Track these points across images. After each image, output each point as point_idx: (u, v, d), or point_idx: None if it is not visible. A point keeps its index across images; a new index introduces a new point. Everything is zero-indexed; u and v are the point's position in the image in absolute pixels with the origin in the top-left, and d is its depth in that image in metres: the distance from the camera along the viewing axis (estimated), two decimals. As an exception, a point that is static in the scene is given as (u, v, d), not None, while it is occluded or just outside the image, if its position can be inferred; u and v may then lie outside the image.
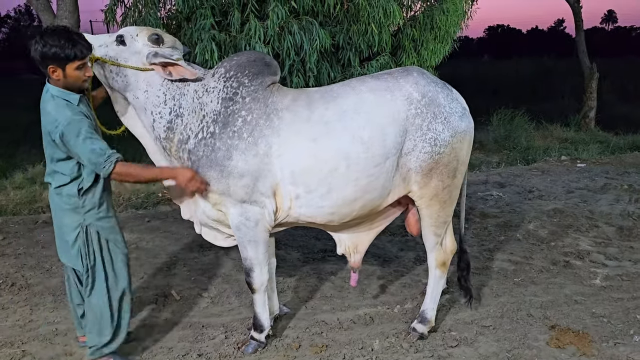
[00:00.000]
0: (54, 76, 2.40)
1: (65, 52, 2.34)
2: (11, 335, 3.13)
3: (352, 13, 4.23)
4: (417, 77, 2.78)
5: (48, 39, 2.33)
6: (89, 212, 2.58)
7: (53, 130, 2.38)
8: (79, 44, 2.38)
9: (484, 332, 3.17)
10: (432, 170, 2.75)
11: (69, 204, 2.54)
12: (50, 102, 2.41)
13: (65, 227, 2.59)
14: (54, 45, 2.32)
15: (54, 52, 2.33)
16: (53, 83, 2.43)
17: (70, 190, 2.53)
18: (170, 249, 4.53)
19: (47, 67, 2.38)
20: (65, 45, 2.34)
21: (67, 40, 2.34)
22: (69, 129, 2.35)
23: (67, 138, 2.36)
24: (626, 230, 4.97)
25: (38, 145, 8.77)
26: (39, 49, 2.33)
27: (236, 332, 3.18)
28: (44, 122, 2.44)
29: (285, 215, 2.75)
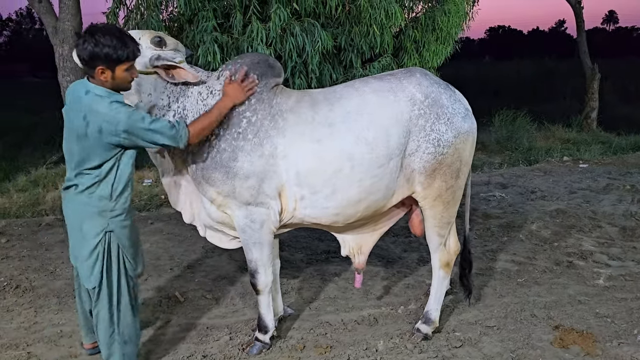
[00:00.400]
0: (102, 77, 2.30)
1: (117, 54, 2.26)
2: (16, 337, 3.14)
3: (354, 15, 4.25)
4: (420, 78, 2.79)
5: (100, 39, 2.22)
6: (116, 217, 2.46)
7: (112, 129, 2.27)
8: (131, 45, 2.30)
9: (488, 333, 3.18)
10: (436, 171, 2.76)
11: (97, 206, 2.41)
12: (100, 102, 2.29)
13: (86, 232, 2.43)
14: (106, 45, 2.23)
15: (106, 52, 2.24)
16: (98, 83, 2.32)
17: (102, 192, 2.40)
18: (174, 250, 4.54)
19: (95, 67, 2.27)
20: (118, 46, 2.25)
21: (119, 41, 2.26)
22: (133, 122, 2.28)
23: (133, 130, 2.29)
24: (629, 231, 4.97)
25: (40, 148, 8.81)
26: (89, 48, 2.23)
27: (241, 333, 3.19)
28: (95, 123, 2.28)
29: (290, 216, 2.75)
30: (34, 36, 46.95)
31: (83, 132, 2.30)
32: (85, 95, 2.32)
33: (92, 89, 2.32)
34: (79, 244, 2.47)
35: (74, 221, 2.46)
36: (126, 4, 4.36)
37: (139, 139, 2.34)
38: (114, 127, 2.27)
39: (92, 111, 2.28)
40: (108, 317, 2.51)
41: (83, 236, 2.44)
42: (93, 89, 2.32)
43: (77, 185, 2.41)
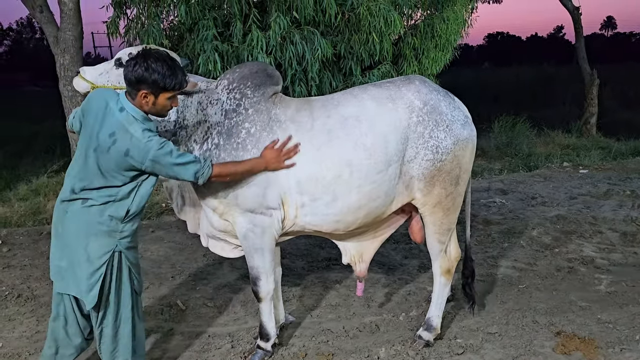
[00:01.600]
0: (143, 101, 2.27)
1: (164, 82, 2.24)
2: (18, 346, 3.14)
3: (353, 23, 4.28)
4: (419, 85, 2.81)
5: (152, 64, 2.21)
6: (124, 239, 2.38)
7: (141, 155, 2.23)
8: (180, 76, 2.29)
9: (490, 339, 3.17)
10: (435, 178, 2.77)
11: (108, 225, 2.32)
12: (134, 125, 2.25)
13: (92, 251, 2.32)
14: (156, 72, 2.21)
15: (154, 79, 2.22)
16: (136, 105, 2.28)
17: (115, 212, 2.32)
18: (175, 258, 4.54)
19: (140, 90, 2.25)
20: (167, 75, 2.23)
21: (169, 69, 2.24)
22: (162, 154, 2.25)
23: (159, 161, 2.26)
24: (630, 236, 4.97)
25: (41, 157, 8.80)
26: (140, 71, 2.21)
27: (242, 341, 3.19)
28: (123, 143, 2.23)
29: (292, 224, 2.76)
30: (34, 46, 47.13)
31: (106, 147, 2.24)
32: (120, 112, 2.27)
33: (128, 108, 2.28)
34: (79, 262, 2.34)
35: (77, 238, 2.33)
36: (127, 14, 4.40)
37: (162, 170, 2.32)
38: (143, 154, 2.24)
39: (125, 131, 2.24)
40: (112, 333, 2.46)
41: (87, 256, 2.33)
42: (129, 109, 2.28)
43: (87, 199, 2.31)
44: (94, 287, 2.34)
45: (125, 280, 2.43)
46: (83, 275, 2.34)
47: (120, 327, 2.48)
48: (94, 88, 2.68)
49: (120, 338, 2.48)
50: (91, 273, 2.34)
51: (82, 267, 2.34)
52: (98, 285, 2.35)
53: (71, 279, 2.37)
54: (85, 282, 2.34)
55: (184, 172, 2.34)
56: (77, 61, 5.73)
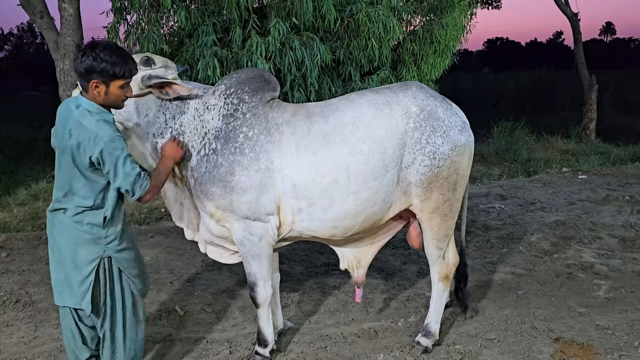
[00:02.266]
0: (95, 91, 2.27)
1: (114, 69, 2.24)
2: (16, 352, 3.13)
3: (353, 28, 4.29)
4: (415, 91, 2.81)
5: (100, 53, 2.22)
6: (110, 243, 2.38)
7: (90, 145, 2.23)
8: (130, 63, 2.30)
9: (488, 345, 3.17)
10: (432, 184, 2.77)
11: (90, 233, 2.34)
12: (88, 117, 2.25)
13: (80, 260, 2.35)
14: (104, 60, 2.22)
15: (102, 67, 2.22)
16: (90, 98, 2.29)
17: (93, 219, 2.34)
18: (174, 264, 4.54)
19: (90, 80, 2.25)
20: (116, 62, 2.24)
21: (118, 57, 2.25)
22: (111, 146, 2.24)
23: (106, 154, 2.24)
24: (629, 242, 4.96)
25: (41, 162, 8.81)
26: (87, 61, 2.21)
27: (240, 347, 3.18)
28: (76, 137, 2.24)
29: (289, 229, 2.76)
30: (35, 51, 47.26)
31: (67, 146, 2.27)
32: (76, 109, 2.29)
33: (83, 103, 2.29)
34: (70, 271, 2.36)
35: (66, 248, 2.36)
36: (127, 19, 4.41)
37: (105, 166, 2.27)
38: (92, 142, 2.23)
39: (78, 125, 2.25)
40: (110, 336, 2.48)
41: (76, 264, 2.35)
42: (85, 104, 2.29)
43: (67, 209, 2.34)
44: (85, 294, 2.37)
45: (116, 284, 2.44)
46: (75, 284, 2.37)
47: (116, 330, 2.49)
48: None
49: (116, 341, 2.49)
50: (81, 281, 2.36)
51: (73, 276, 2.37)
52: (89, 293, 2.37)
53: (67, 290, 2.40)
54: (78, 290, 2.37)
55: (123, 177, 2.29)
56: (77, 66, 5.74)
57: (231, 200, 2.64)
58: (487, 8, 16.79)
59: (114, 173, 2.29)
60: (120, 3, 4.30)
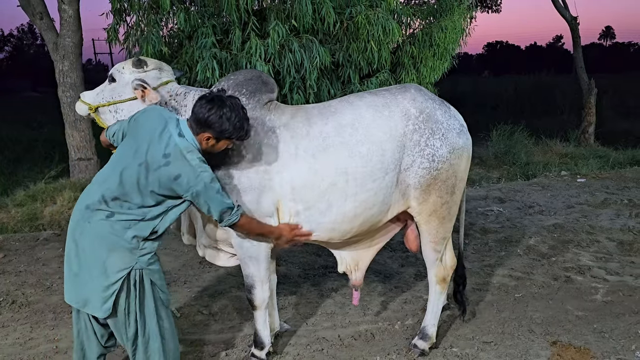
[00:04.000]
0: (204, 142, 2.34)
1: (231, 133, 2.32)
2: (11, 353, 3.12)
3: (352, 31, 4.29)
4: (414, 93, 2.81)
5: (227, 113, 2.28)
6: (144, 256, 2.34)
7: (191, 182, 2.25)
8: (246, 127, 2.37)
9: (485, 349, 3.16)
10: (431, 186, 2.77)
11: (129, 243, 2.29)
12: (193, 154, 2.28)
13: (110, 266, 2.28)
14: (227, 121, 2.28)
15: (224, 128, 2.29)
16: (197, 139, 2.34)
17: (139, 231, 2.30)
18: (171, 265, 4.53)
19: (205, 132, 2.31)
20: (237, 127, 2.32)
21: (239, 121, 2.32)
22: (210, 188, 2.29)
23: (204, 194, 2.29)
24: (627, 245, 4.96)
25: (39, 163, 8.80)
26: (213, 117, 2.27)
27: (237, 349, 3.17)
28: (177, 168, 2.24)
29: (287, 232, 2.76)
30: (35, 52, 47.28)
31: (156, 167, 2.24)
32: (179, 137, 2.29)
33: (188, 137, 2.31)
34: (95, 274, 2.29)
35: (96, 249, 2.29)
36: (126, 21, 4.41)
37: (199, 203, 2.33)
38: (192, 183, 2.26)
39: (181, 157, 2.25)
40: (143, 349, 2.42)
41: (105, 269, 2.28)
42: (189, 138, 2.31)
43: (114, 213, 2.28)
44: (107, 300, 2.31)
45: (148, 296, 2.38)
46: (97, 287, 2.30)
47: (150, 342, 2.42)
48: (91, 109, 2.78)
49: (150, 354, 2.44)
50: (106, 287, 2.30)
51: (97, 279, 2.30)
52: (112, 300, 2.31)
53: (82, 289, 2.33)
54: (99, 295, 2.30)
55: (215, 210, 2.36)
56: (76, 68, 5.76)
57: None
58: (486, 12, 16.77)
59: (207, 209, 2.36)
60: (120, 4, 4.30)
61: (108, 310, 2.31)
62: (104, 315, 2.33)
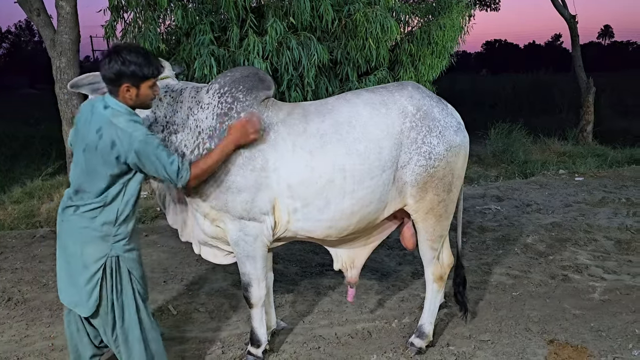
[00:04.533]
0: (127, 95, 2.29)
1: (143, 71, 2.27)
2: (7, 350, 3.11)
3: (350, 28, 4.28)
4: (411, 91, 2.81)
5: (127, 57, 2.23)
6: (118, 242, 2.37)
7: (125, 145, 2.23)
8: (155, 63, 2.33)
9: (482, 347, 3.16)
10: (427, 184, 2.76)
11: (100, 231, 2.32)
12: (120, 117, 2.26)
13: (87, 257, 2.33)
14: (132, 63, 2.24)
15: (132, 70, 2.24)
16: (121, 100, 2.30)
17: (106, 217, 2.32)
18: (168, 263, 4.52)
19: (121, 85, 2.27)
20: (144, 63, 2.26)
21: (144, 58, 2.28)
22: (147, 144, 2.26)
23: (143, 153, 2.26)
24: (624, 244, 4.97)
25: (37, 160, 8.78)
26: (116, 66, 2.23)
27: (233, 347, 3.17)
28: (109, 136, 2.23)
29: (284, 229, 2.75)
30: (32, 48, 47.17)
31: (93, 145, 2.25)
32: (104, 109, 2.29)
33: (112, 104, 2.30)
34: (77, 270, 2.34)
35: (73, 246, 2.34)
36: (124, 17, 4.40)
37: (144, 164, 2.30)
38: (128, 144, 2.23)
39: (110, 124, 2.25)
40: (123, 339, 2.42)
41: (83, 262, 2.33)
42: (114, 105, 2.30)
43: (78, 206, 2.32)
44: (92, 292, 2.35)
45: (125, 284, 2.40)
46: (81, 282, 2.34)
47: (129, 332, 2.44)
48: None
49: (131, 344, 2.44)
50: (88, 279, 2.34)
51: (80, 274, 2.34)
52: (97, 291, 2.35)
53: (71, 289, 2.38)
54: (84, 289, 2.34)
55: (163, 170, 2.32)
56: (74, 64, 5.72)
57: (226, 200, 2.62)
58: (485, 10, 16.77)
59: (153, 171, 2.32)
60: (117, 1, 4.29)
61: (95, 303, 2.34)
62: (91, 310, 2.36)
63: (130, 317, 2.43)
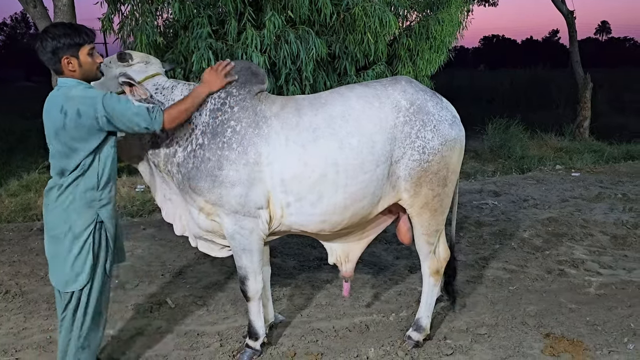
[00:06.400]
0: (70, 68, 2.33)
1: (74, 40, 2.30)
2: (5, 343, 3.12)
3: (348, 23, 4.27)
4: (405, 85, 2.81)
5: (55, 31, 2.29)
6: (104, 206, 2.43)
7: (91, 108, 2.27)
8: (83, 29, 2.35)
9: (479, 340, 3.18)
10: (422, 179, 2.76)
11: (84, 198, 2.37)
12: (74, 89, 2.31)
13: (76, 227, 2.37)
14: (62, 35, 2.28)
15: (64, 41, 2.28)
16: (69, 75, 2.35)
17: (88, 183, 2.37)
18: (165, 256, 4.53)
19: (61, 59, 2.31)
20: (72, 33, 2.30)
21: (70, 28, 2.32)
22: (109, 102, 2.29)
23: (110, 111, 2.29)
24: (620, 239, 4.99)
25: (34, 153, 8.76)
26: (49, 43, 2.28)
27: (231, 340, 3.18)
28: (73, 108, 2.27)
29: (278, 223, 2.75)
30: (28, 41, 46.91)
31: (61, 124, 2.28)
32: (58, 91, 2.35)
33: (62, 83, 2.36)
34: (67, 246, 2.37)
35: (62, 225, 2.38)
36: (121, 10, 4.36)
37: (117, 120, 2.33)
38: (93, 107, 2.27)
39: (68, 99, 2.29)
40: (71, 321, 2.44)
41: (73, 234, 2.37)
42: (67, 82, 2.35)
43: (61, 185, 2.37)
44: (86, 260, 2.39)
45: (101, 256, 2.45)
46: (73, 255, 2.37)
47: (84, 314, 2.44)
48: None
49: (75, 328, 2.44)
50: (80, 247, 2.38)
51: (71, 249, 2.38)
52: (90, 258, 2.39)
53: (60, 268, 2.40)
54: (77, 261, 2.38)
55: (137, 118, 2.35)
56: (70, 57, 5.70)
57: (220, 194, 2.62)
58: (483, 5, 16.74)
59: (128, 123, 2.35)
60: (114, -7, 4.26)
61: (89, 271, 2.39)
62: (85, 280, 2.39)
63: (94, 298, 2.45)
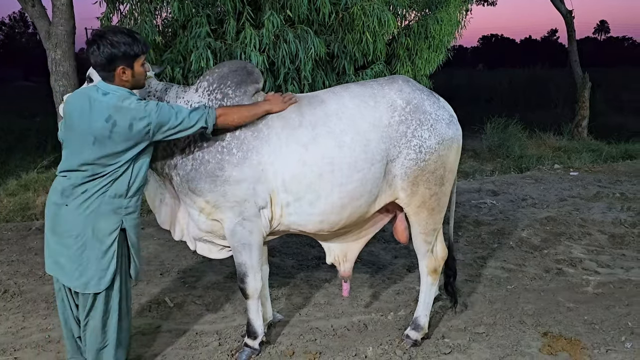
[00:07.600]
0: (124, 77, 2.30)
1: (133, 50, 2.27)
2: (4, 342, 3.12)
3: (347, 22, 4.27)
4: (401, 84, 2.81)
5: (114, 39, 2.24)
6: (129, 214, 2.41)
7: (144, 121, 2.26)
8: (141, 39, 2.32)
9: (477, 339, 3.19)
10: (418, 178, 2.77)
11: (111, 204, 2.34)
12: (127, 100, 2.28)
13: (100, 231, 2.34)
14: (122, 44, 2.24)
15: (124, 50, 2.25)
16: (118, 84, 2.31)
17: (117, 190, 2.34)
18: (164, 256, 4.53)
19: (116, 68, 2.27)
20: (132, 42, 2.27)
21: (129, 36, 2.28)
22: (163, 114, 2.31)
23: (163, 122, 2.31)
24: (618, 238, 5.00)
25: (32, 153, 8.75)
26: (107, 50, 2.23)
27: (230, 339, 3.18)
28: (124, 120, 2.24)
29: (278, 223, 2.75)
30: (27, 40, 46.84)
31: (107, 133, 2.24)
32: (105, 96, 2.29)
33: (112, 90, 2.30)
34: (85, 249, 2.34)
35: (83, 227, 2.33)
36: (120, 9, 4.36)
37: (169, 129, 2.34)
38: (146, 121, 2.28)
39: (118, 109, 2.25)
40: (100, 325, 2.44)
41: (96, 237, 2.34)
42: (114, 91, 2.31)
43: (86, 190, 2.32)
44: (109, 265, 2.38)
45: (123, 263, 2.44)
46: (94, 258, 2.35)
47: (109, 318, 2.46)
48: None
49: (108, 330, 2.46)
50: (104, 252, 2.36)
51: (92, 250, 2.35)
52: (114, 263, 2.38)
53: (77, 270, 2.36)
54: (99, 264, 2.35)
55: (189, 121, 2.37)
56: (69, 56, 5.68)
57: (225, 190, 2.60)
58: (482, 4, 16.77)
59: (183, 129, 2.38)
60: (113, -8, 4.26)
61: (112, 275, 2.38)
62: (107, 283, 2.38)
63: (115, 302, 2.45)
